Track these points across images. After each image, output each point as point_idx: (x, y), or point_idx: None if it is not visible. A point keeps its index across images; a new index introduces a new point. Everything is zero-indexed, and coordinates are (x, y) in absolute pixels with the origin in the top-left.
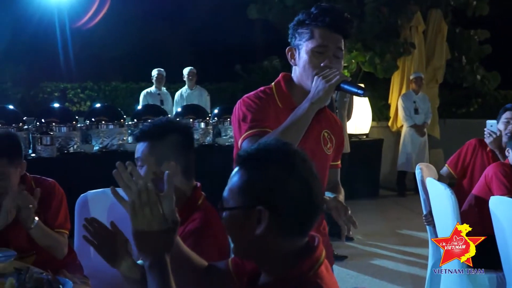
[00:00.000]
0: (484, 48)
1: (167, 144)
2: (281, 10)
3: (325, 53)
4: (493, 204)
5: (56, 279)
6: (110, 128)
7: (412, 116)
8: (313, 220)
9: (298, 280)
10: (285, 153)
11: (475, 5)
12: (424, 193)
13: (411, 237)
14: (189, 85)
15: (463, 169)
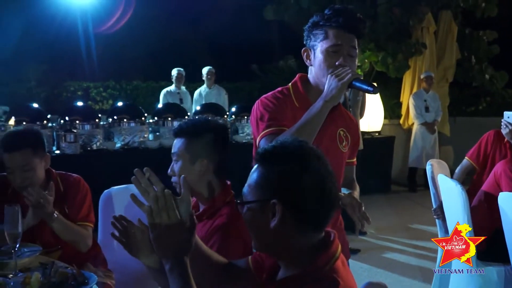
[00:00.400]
0: (493, 48)
1: (202, 142)
2: (297, 11)
3: (339, 52)
4: (502, 200)
5: (80, 273)
6: (131, 126)
7: (423, 114)
8: (327, 216)
9: (315, 274)
10: (300, 150)
11: (484, 7)
12: (434, 188)
13: (422, 231)
14: (208, 84)
15: (485, 160)
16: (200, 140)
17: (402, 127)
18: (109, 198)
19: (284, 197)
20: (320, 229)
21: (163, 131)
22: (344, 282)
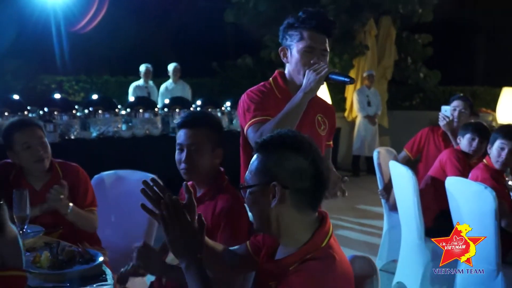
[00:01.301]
0: (427, 50)
1: (219, 133)
2: (255, 15)
3: (313, 52)
4: (449, 184)
5: (86, 251)
6: (106, 117)
7: (365, 108)
8: (321, 195)
9: (313, 251)
10: (295, 138)
11: (420, 13)
12: (380, 173)
13: (367, 211)
14: (174, 80)
15: (418, 152)
16: (218, 131)
17: (346, 119)
18: (100, 182)
19: (282, 179)
20: (315, 208)
21: (135, 121)
22: (339, 257)
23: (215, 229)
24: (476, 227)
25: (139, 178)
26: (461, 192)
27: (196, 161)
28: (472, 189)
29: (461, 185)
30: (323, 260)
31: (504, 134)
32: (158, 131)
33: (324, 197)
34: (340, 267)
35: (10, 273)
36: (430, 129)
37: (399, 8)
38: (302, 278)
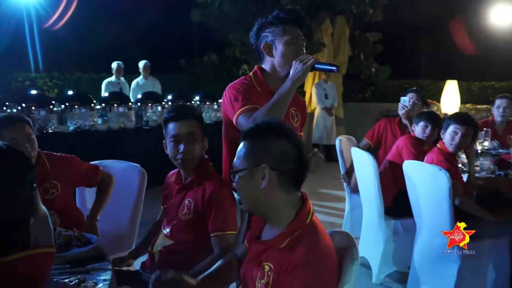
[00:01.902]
0: (377, 47)
1: (203, 123)
2: (220, 15)
3: (296, 43)
4: (406, 167)
5: (82, 235)
6: (82, 111)
7: (323, 101)
8: (303, 176)
9: (300, 228)
10: (280, 125)
11: (371, 13)
12: (342, 159)
13: (328, 194)
14: (144, 76)
15: (378, 139)
16: (203, 122)
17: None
18: None
19: (270, 162)
20: (298, 188)
21: (110, 115)
22: (322, 232)
23: (206, 212)
24: (432, 205)
25: (122, 167)
26: (417, 174)
27: (193, 151)
28: (428, 171)
29: (417, 167)
30: (310, 235)
31: (457, 120)
32: (133, 124)
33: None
34: (324, 241)
35: (43, 250)
36: (387, 120)
37: (352, 9)
38: (302, 250)
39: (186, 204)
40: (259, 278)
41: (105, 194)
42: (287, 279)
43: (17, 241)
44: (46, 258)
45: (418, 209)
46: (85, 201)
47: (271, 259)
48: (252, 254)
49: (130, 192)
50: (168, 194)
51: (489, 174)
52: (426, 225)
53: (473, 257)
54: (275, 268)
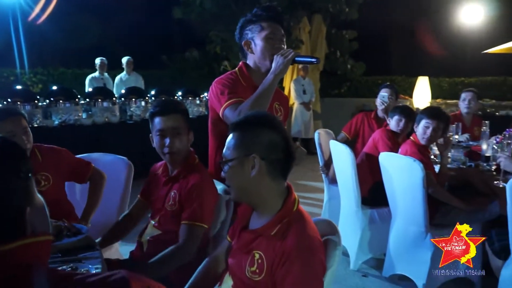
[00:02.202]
0: (353, 45)
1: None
2: (201, 12)
3: (274, 38)
4: (382, 158)
5: (72, 225)
6: (67, 106)
7: (301, 96)
8: (290, 166)
9: (288, 216)
10: (268, 117)
11: (347, 12)
12: (320, 151)
13: (307, 186)
14: (127, 71)
15: (355, 133)
16: (188, 116)
17: None
18: None
19: (259, 152)
20: (285, 177)
21: (94, 110)
22: (308, 221)
23: (185, 203)
24: (407, 195)
25: (110, 160)
26: (393, 165)
27: (178, 144)
28: (403, 162)
29: (393, 159)
30: (298, 223)
31: (428, 115)
32: (117, 118)
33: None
34: (311, 228)
35: (40, 238)
36: (364, 114)
37: (328, 7)
38: (294, 238)
39: (172, 196)
40: (249, 266)
41: (96, 196)
42: (283, 268)
43: (15, 231)
44: (44, 245)
45: (393, 199)
46: (75, 194)
47: (262, 247)
48: (241, 243)
49: (117, 183)
50: (155, 186)
51: (460, 165)
52: (401, 214)
53: None
54: (268, 257)
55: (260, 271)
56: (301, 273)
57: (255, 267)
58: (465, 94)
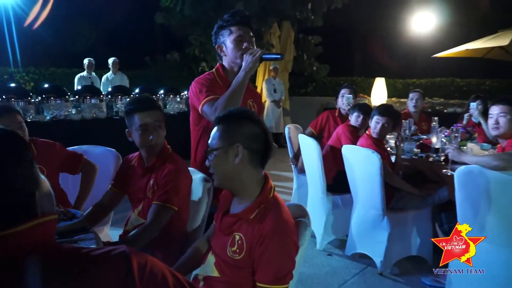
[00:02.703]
0: (318, 49)
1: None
2: (181, 18)
3: (243, 40)
4: (345, 150)
5: (67, 211)
6: (58, 103)
7: (272, 94)
8: (269, 154)
9: (265, 202)
10: (250, 111)
11: (313, 19)
12: (290, 144)
13: (278, 175)
14: (113, 71)
15: (320, 129)
16: (163, 110)
17: None
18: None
19: (242, 142)
20: (264, 166)
21: (83, 106)
22: (283, 206)
23: (160, 187)
24: (366, 182)
25: (100, 151)
26: (354, 156)
27: (160, 137)
28: (362, 153)
29: (354, 151)
30: (275, 207)
31: (379, 112)
32: (104, 114)
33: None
34: (286, 212)
35: (48, 218)
36: (329, 112)
37: (296, 15)
38: (270, 222)
39: (151, 185)
40: (230, 246)
41: (88, 185)
42: (260, 248)
43: (27, 213)
44: (52, 224)
45: (354, 186)
46: (68, 183)
47: (242, 230)
48: (223, 226)
49: (107, 173)
50: (132, 177)
51: (413, 156)
52: (361, 199)
53: (401, 225)
54: (247, 239)
55: (240, 251)
56: (276, 252)
57: (236, 247)
58: (412, 94)
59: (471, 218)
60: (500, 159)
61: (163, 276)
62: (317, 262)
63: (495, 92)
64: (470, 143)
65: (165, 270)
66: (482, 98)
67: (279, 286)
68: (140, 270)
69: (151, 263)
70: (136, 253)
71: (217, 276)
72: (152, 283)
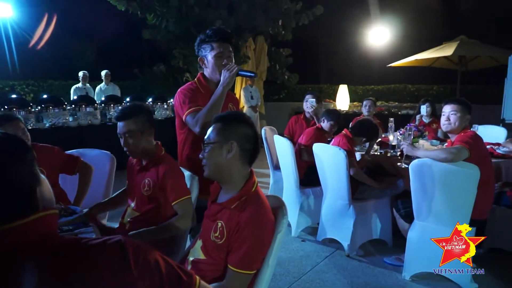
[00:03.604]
0: (288, 60)
1: (148, 117)
2: (166, 33)
3: (222, 56)
4: (315, 148)
5: (67, 207)
6: (56, 111)
7: (249, 101)
8: (257, 154)
9: (247, 194)
10: (244, 116)
11: (283, 34)
12: (266, 144)
13: (256, 172)
14: (106, 82)
15: (293, 132)
16: (145, 117)
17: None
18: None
19: (236, 140)
20: (251, 164)
21: (79, 114)
22: (263, 199)
23: (163, 187)
24: (334, 176)
25: (96, 154)
26: (323, 153)
27: (132, 144)
28: (331, 150)
29: (324, 148)
30: (255, 200)
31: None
32: (98, 121)
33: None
34: (265, 205)
35: (49, 212)
36: (296, 116)
37: (269, 30)
38: (248, 213)
39: (147, 183)
40: (213, 232)
41: (85, 184)
42: (237, 235)
43: (30, 207)
44: (53, 217)
45: (324, 179)
46: (67, 183)
47: (224, 218)
48: (210, 213)
49: (102, 174)
50: (130, 174)
51: (374, 152)
52: (330, 191)
53: (364, 213)
54: (227, 226)
55: (221, 237)
56: (248, 239)
57: (218, 233)
58: (366, 102)
59: (423, 203)
60: (448, 153)
61: (155, 261)
62: (293, 247)
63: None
64: (421, 140)
65: (158, 256)
66: (430, 101)
67: (243, 271)
68: (135, 256)
69: (145, 250)
70: (131, 242)
71: (203, 259)
72: (147, 267)
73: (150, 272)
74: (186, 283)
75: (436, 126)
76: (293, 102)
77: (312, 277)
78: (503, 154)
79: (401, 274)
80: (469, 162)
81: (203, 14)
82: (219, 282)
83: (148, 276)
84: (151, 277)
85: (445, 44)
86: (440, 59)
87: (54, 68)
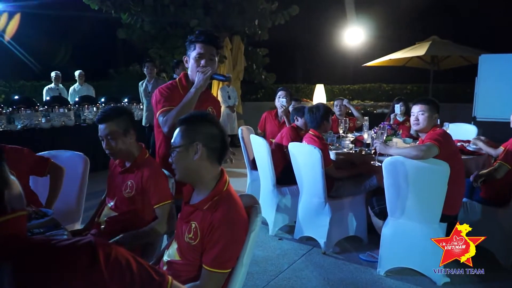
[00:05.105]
0: (265, 59)
1: (128, 118)
2: (141, 33)
3: (203, 57)
4: (291, 147)
5: (38, 210)
6: (28, 113)
7: (226, 101)
8: (225, 153)
9: (218, 194)
10: (208, 115)
11: (260, 33)
12: (243, 143)
13: (233, 172)
14: (80, 82)
15: (264, 127)
16: (125, 118)
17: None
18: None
19: (202, 140)
20: (220, 163)
21: (52, 115)
22: (235, 197)
23: (144, 192)
24: (309, 174)
25: (68, 155)
26: (299, 152)
27: (114, 146)
28: (306, 149)
29: (299, 147)
30: (227, 199)
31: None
32: (72, 122)
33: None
34: (236, 205)
35: (18, 214)
36: (268, 112)
37: (245, 30)
38: (220, 212)
39: (129, 185)
40: (187, 233)
41: (56, 186)
42: (210, 234)
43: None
44: (21, 219)
45: (300, 178)
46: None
47: (197, 219)
48: (183, 214)
49: (76, 175)
50: (111, 175)
51: (349, 150)
52: (306, 189)
53: (340, 210)
54: (201, 227)
55: (195, 237)
56: (221, 238)
57: (192, 234)
58: (336, 102)
59: (396, 200)
60: (418, 150)
61: (127, 262)
62: (270, 246)
63: (415, 95)
64: (395, 138)
65: (129, 257)
66: (404, 100)
67: (218, 270)
68: (105, 257)
69: (116, 250)
70: (102, 243)
71: (178, 260)
72: (117, 268)
73: (121, 272)
74: (157, 282)
75: (409, 125)
76: (271, 101)
77: (289, 275)
78: (473, 151)
79: (376, 270)
80: (439, 159)
81: (179, 13)
82: (194, 282)
83: (119, 276)
84: (122, 277)
85: (418, 44)
86: (413, 58)
87: (25, 68)
